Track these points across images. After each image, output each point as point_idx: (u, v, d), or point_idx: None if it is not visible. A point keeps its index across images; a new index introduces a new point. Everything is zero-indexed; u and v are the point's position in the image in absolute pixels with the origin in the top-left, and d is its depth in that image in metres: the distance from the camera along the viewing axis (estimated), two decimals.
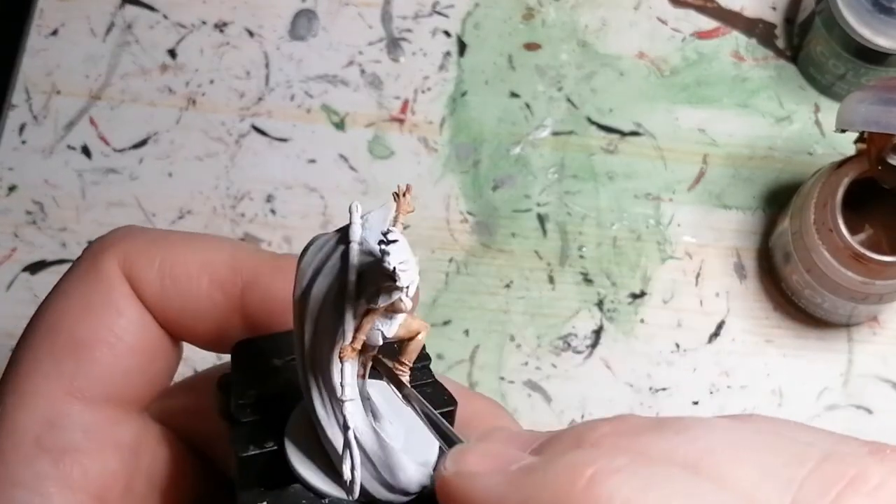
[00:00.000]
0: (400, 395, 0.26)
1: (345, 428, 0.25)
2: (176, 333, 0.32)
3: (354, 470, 0.25)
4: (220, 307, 0.30)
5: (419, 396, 0.25)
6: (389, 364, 0.26)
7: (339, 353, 0.25)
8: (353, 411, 0.25)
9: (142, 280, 0.31)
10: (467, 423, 0.30)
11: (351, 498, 0.25)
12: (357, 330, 0.25)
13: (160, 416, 0.31)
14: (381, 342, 0.25)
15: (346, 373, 0.25)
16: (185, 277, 0.31)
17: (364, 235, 0.26)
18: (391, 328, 0.25)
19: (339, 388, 0.25)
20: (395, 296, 0.24)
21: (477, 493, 0.21)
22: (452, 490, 0.22)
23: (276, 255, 0.32)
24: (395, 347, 0.26)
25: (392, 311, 0.25)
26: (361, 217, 0.26)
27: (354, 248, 0.26)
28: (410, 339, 0.26)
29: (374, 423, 0.26)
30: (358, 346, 0.25)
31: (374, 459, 0.26)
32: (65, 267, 0.59)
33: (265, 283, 0.30)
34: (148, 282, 0.31)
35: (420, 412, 0.25)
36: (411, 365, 0.26)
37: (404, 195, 0.25)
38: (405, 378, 0.26)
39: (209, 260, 0.31)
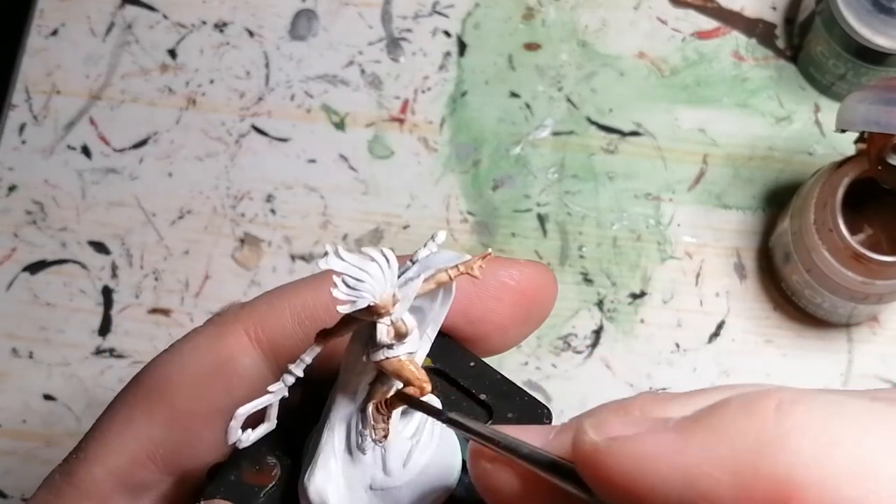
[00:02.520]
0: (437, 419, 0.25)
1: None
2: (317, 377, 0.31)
3: (260, 423, 0.25)
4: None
5: (476, 422, 0.24)
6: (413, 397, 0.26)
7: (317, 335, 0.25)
8: (288, 381, 0.25)
9: (280, 335, 0.29)
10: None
11: (229, 443, 0.25)
12: (338, 325, 0.25)
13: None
14: (363, 359, 0.25)
15: (309, 350, 0.25)
16: (321, 312, 0.29)
17: (423, 260, 0.26)
18: (374, 353, 0.25)
19: (297, 362, 0.25)
20: (343, 311, 0.23)
21: (648, 456, 0.19)
22: (612, 460, 0.20)
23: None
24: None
25: (374, 336, 0.25)
26: (435, 248, 0.26)
27: (409, 265, 0.26)
28: (402, 383, 0.25)
29: (357, 443, 0.26)
30: (329, 338, 0.25)
31: (312, 448, 0.27)
32: (65, 267, 0.59)
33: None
34: (287, 334, 0.29)
35: (481, 435, 0.23)
36: (386, 415, 0.26)
37: (483, 257, 0.25)
38: (382, 419, 0.26)
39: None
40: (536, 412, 0.28)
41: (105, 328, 0.58)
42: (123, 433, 0.30)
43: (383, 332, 0.24)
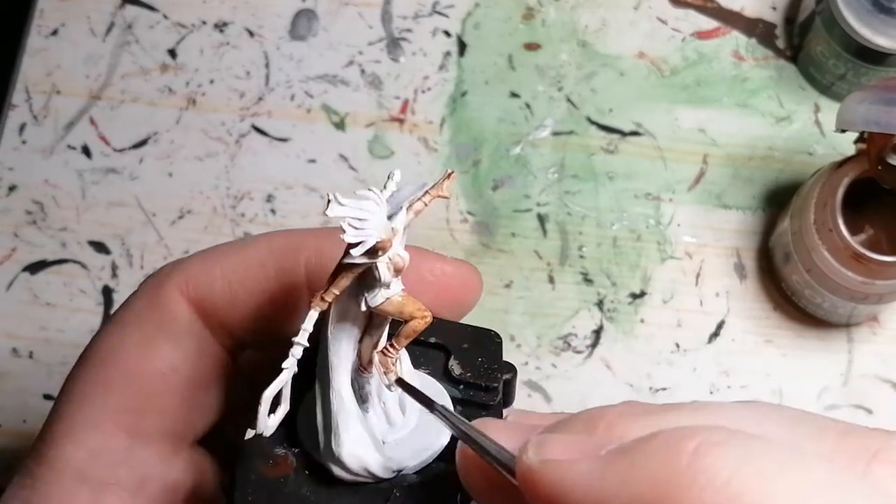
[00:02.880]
0: (388, 384, 0.26)
1: (281, 368, 0.25)
2: (250, 338, 0.31)
3: (278, 406, 0.25)
4: (291, 291, 0.29)
5: (459, 417, 0.25)
6: (391, 353, 0.27)
7: (311, 299, 0.25)
8: (298, 354, 0.25)
9: (212, 295, 0.30)
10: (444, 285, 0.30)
11: (258, 432, 0.25)
12: (330, 282, 0.25)
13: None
14: (363, 308, 0.25)
15: (308, 317, 0.25)
16: (252, 276, 0.30)
17: (392, 198, 0.26)
18: (374, 298, 0.25)
19: (301, 332, 0.25)
20: (357, 253, 0.24)
21: (571, 480, 0.21)
22: (542, 478, 0.21)
23: (325, 227, 0.32)
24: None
25: (372, 279, 0.25)
26: (395, 187, 0.26)
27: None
28: (404, 322, 0.26)
29: (360, 402, 0.27)
30: (329, 297, 0.25)
31: (324, 418, 0.27)
32: (65, 267, 0.59)
33: (326, 251, 0.30)
34: (216, 292, 0.30)
35: (460, 430, 0.25)
36: (399, 349, 0.26)
37: (447, 177, 0.25)
38: (391, 363, 0.26)
39: (266, 253, 0.30)
40: (489, 337, 0.30)
41: None
42: (84, 407, 0.30)
43: (384, 270, 0.25)
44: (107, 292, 0.58)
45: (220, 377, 0.31)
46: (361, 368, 0.27)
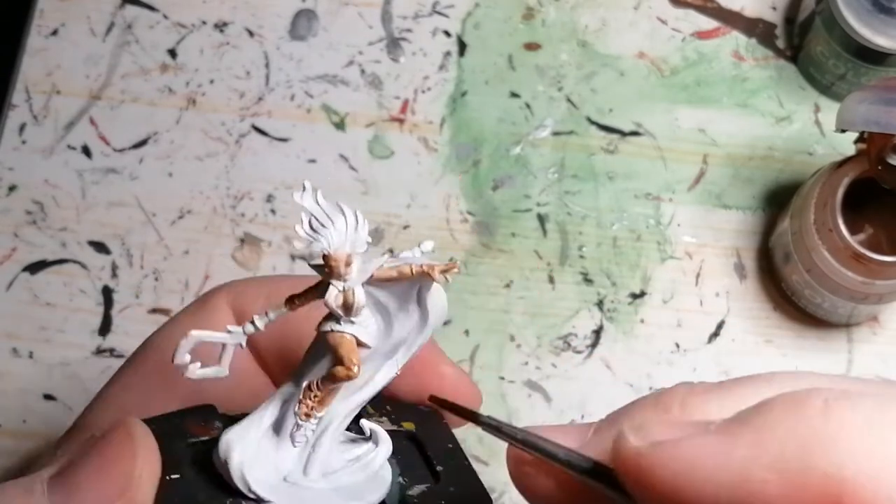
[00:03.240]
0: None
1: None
2: (276, 365, 0.32)
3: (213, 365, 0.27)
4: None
5: (510, 425, 0.24)
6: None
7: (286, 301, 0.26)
8: (248, 329, 0.27)
9: (250, 312, 0.31)
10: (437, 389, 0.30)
11: (175, 363, 0.26)
12: (301, 295, 0.26)
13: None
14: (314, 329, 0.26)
15: (273, 308, 0.27)
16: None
17: (401, 256, 0.27)
18: (323, 324, 0.26)
19: (262, 315, 0.27)
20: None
21: (691, 458, 0.19)
22: (657, 462, 0.20)
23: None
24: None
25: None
26: (418, 254, 0.27)
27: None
28: (336, 363, 0.26)
29: (276, 422, 0.27)
30: (293, 303, 0.26)
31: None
32: (65, 267, 0.59)
33: None
34: (256, 312, 0.31)
35: (517, 439, 0.24)
36: (321, 392, 0.26)
37: (448, 268, 0.25)
38: (309, 401, 0.26)
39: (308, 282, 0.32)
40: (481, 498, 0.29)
41: (105, 328, 0.58)
42: (131, 394, 0.31)
43: (332, 295, 0.25)
44: (107, 292, 0.58)
45: (250, 384, 0.32)
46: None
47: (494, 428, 0.24)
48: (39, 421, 0.57)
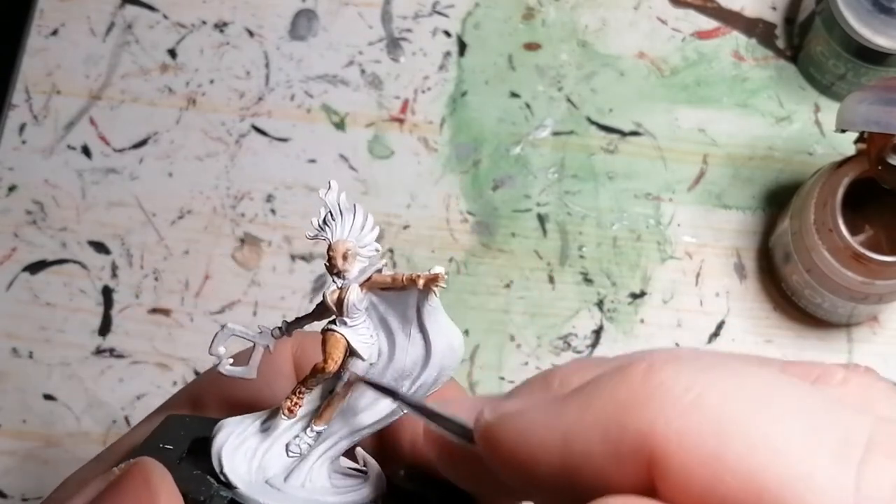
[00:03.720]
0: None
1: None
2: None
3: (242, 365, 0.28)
4: None
5: (415, 399, 0.25)
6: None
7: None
8: (277, 333, 0.28)
9: (307, 360, 0.32)
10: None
11: (210, 352, 0.27)
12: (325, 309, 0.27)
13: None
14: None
15: (305, 318, 0.28)
16: None
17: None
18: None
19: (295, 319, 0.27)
20: (308, 234, 0.26)
21: (528, 424, 0.20)
22: (499, 431, 0.21)
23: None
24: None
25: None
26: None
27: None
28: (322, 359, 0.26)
29: (265, 421, 0.28)
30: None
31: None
32: (65, 267, 0.59)
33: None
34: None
35: (420, 410, 0.25)
36: (302, 392, 0.27)
37: (434, 277, 0.25)
38: (294, 399, 0.27)
39: None
40: None
41: (105, 328, 0.58)
42: (166, 409, 0.32)
43: (329, 289, 0.26)
44: (107, 292, 0.58)
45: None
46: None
47: (412, 406, 0.25)
48: (39, 421, 0.57)
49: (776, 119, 0.60)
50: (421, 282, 0.25)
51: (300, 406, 0.27)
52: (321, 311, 0.27)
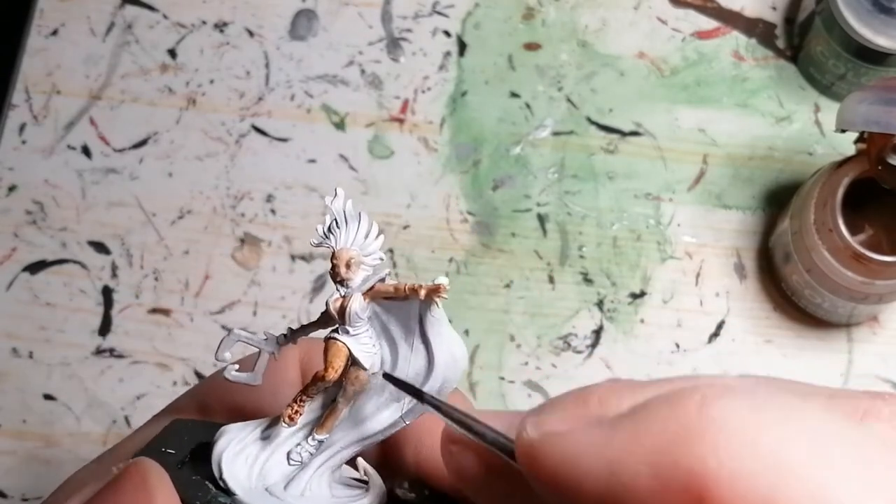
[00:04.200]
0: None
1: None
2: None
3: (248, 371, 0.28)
4: None
5: (447, 403, 0.25)
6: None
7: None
8: (282, 340, 0.28)
9: (311, 365, 0.32)
10: None
11: (216, 358, 0.28)
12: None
13: None
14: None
15: (310, 325, 0.27)
16: None
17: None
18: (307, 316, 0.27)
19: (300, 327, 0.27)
20: (313, 242, 0.26)
21: (575, 449, 0.20)
22: (545, 453, 0.21)
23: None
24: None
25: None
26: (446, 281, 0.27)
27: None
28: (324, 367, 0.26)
29: (266, 429, 0.28)
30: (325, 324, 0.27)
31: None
32: (65, 267, 0.59)
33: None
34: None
35: (451, 417, 0.24)
36: (303, 399, 0.27)
37: (436, 290, 0.25)
38: (295, 407, 0.27)
39: None
40: None
41: (105, 328, 0.58)
42: (172, 412, 0.32)
43: (333, 297, 0.26)
44: (107, 292, 0.58)
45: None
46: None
47: (435, 406, 0.25)
48: (39, 421, 0.57)
49: (776, 119, 0.60)
50: (423, 292, 0.25)
51: (301, 414, 0.27)
52: (326, 318, 0.26)
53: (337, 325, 0.26)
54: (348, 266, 0.25)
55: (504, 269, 0.58)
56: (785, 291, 0.56)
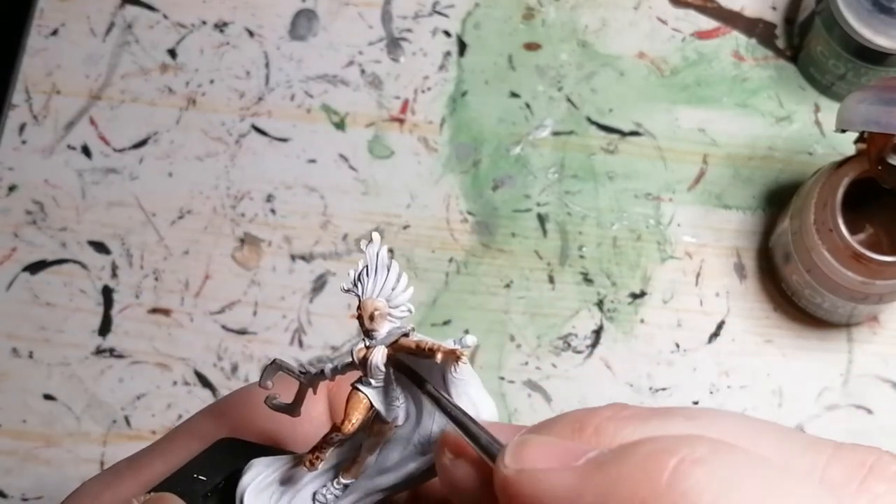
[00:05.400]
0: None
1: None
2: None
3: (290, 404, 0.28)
4: None
5: (451, 401, 0.25)
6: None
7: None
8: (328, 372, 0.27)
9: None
10: None
11: (259, 384, 0.27)
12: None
13: None
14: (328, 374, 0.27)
15: (342, 363, 0.27)
16: None
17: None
18: (334, 367, 0.26)
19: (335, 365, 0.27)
20: (343, 286, 0.25)
21: (546, 492, 0.20)
22: (518, 489, 0.21)
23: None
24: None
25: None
26: (458, 344, 0.27)
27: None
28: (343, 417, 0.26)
29: (287, 470, 0.27)
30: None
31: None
32: (65, 267, 0.59)
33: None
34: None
35: (448, 413, 0.24)
36: (323, 451, 0.27)
37: (457, 355, 0.25)
38: (316, 454, 0.27)
39: None
40: None
41: (105, 328, 0.58)
42: (190, 440, 0.31)
43: (356, 347, 0.25)
44: (107, 292, 0.58)
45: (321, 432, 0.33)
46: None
47: (435, 399, 0.25)
48: (39, 421, 0.57)
49: (776, 119, 0.60)
50: (439, 356, 0.24)
51: (322, 461, 0.26)
52: (362, 359, 0.26)
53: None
54: (372, 318, 0.25)
55: (504, 269, 0.58)
56: (785, 291, 0.56)
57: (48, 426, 0.57)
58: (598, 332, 0.57)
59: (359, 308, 0.25)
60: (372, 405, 0.26)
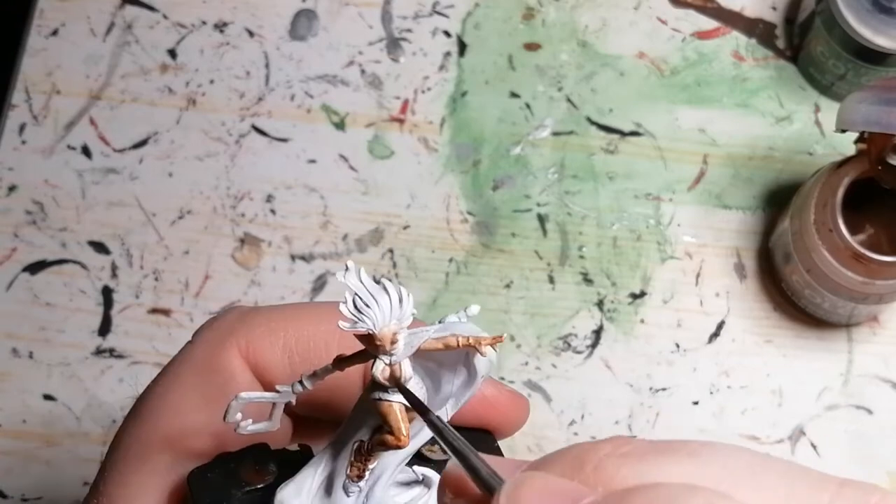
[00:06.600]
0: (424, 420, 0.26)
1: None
2: (304, 411, 0.30)
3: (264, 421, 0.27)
4: (349, 375, 0.28)
5: (453, 431, 0.24)
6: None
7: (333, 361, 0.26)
8: (298, 389, 0.26)
9: (268, 363, 0.30)
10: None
11: (226, 420, 0.26)
12: (349, 358, 0.26)
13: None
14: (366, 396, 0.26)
15: (321, 371, 0.26)
16: (314, 351, 0.30)
17: (447, 325, 0.26)
18: (373, 392, 0.26)
19: (311, 375, 0.26)
20: (344, 326, 0.24)
21: None
22: None
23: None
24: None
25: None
26: (465, 318, 0.27)
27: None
28: (386, 430, 0.26)
29: (326, 481, 0.27)
30: (340, 364, 0.26)
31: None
32: (65, 267, 0.59)
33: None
34: (275, 363, 0.30)
35: (450, 444, 0.24)
36: (365, 457, 0.26)
37: (496, 340, 0.25)
38: (361, 464, 0.26)
39: (332, 331, 0.29)
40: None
41: (105, 328, 0.58)
42: (140, 469, 0.29)
43: (379, 369, 0.25)
44: (107, 292, 0.58)
45: (280, 438, 0.31)
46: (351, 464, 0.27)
47: (437, 429, 0.24)
48: (39, 421, 0.57)
49: (776, 119, 0.60)
50: (484, 348, 0.24)
51: (369, 470, 0.26)
52: (338, 361, 0.26)
53: (377, 387, 0.25)
54: (394, 342, 0.25)
55: (504, 269, 0.58)
56: (785, 291, 0.56)
57: (48, 426, 0.57)
58: (598, 333, 0.57)
59: (376, 340, 0.24)
60: (407, 407, 0.25)
